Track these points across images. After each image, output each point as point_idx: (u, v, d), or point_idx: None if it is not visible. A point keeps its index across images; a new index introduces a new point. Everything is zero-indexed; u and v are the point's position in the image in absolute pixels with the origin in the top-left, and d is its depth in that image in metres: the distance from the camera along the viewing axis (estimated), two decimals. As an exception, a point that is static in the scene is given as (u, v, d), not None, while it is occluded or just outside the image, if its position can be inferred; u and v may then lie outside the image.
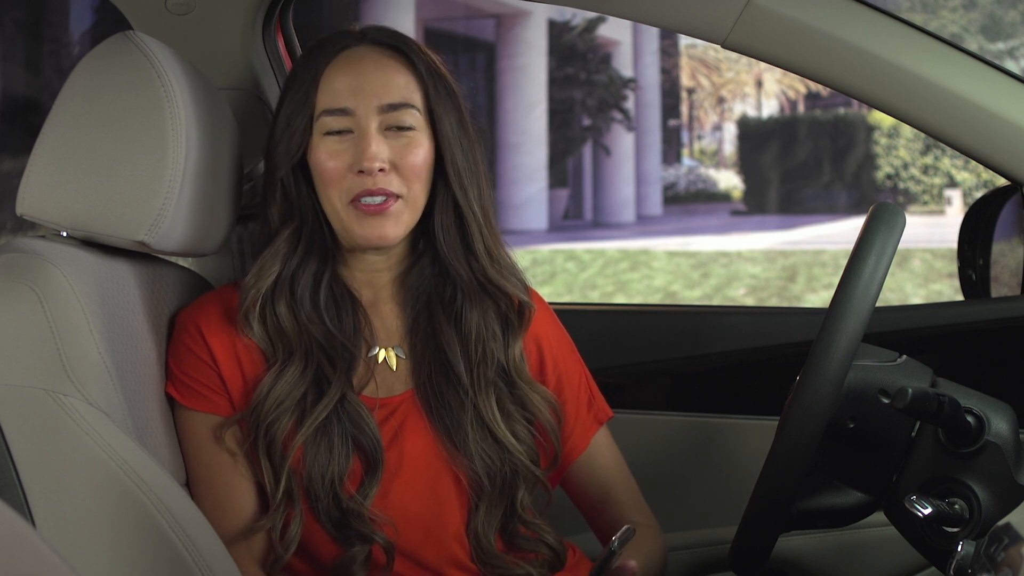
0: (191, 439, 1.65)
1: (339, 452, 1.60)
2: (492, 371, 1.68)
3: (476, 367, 1.67)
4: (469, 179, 1.67)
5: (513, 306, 1.70)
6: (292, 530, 1.60)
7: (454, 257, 1.68)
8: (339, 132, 1.63)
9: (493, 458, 1.65)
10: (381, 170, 1.61)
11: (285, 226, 1.66)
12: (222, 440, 1.63)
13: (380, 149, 1.61)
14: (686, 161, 21.34)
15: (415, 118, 1.64)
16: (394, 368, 1.69)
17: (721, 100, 21.52)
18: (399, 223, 1.64)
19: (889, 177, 17.54)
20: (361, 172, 1.61)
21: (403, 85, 1.65)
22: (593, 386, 1.80)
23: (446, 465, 1.65)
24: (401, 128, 1.63)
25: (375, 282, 1.71)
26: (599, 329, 2.07)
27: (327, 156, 1.63)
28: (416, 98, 1.65)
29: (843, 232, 14.96)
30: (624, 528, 1.42)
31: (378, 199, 1.62)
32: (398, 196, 1.63)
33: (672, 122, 20.75)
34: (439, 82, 1.66)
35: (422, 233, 1.70)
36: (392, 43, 1.67)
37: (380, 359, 1.69)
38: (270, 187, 1.67)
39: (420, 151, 1.64)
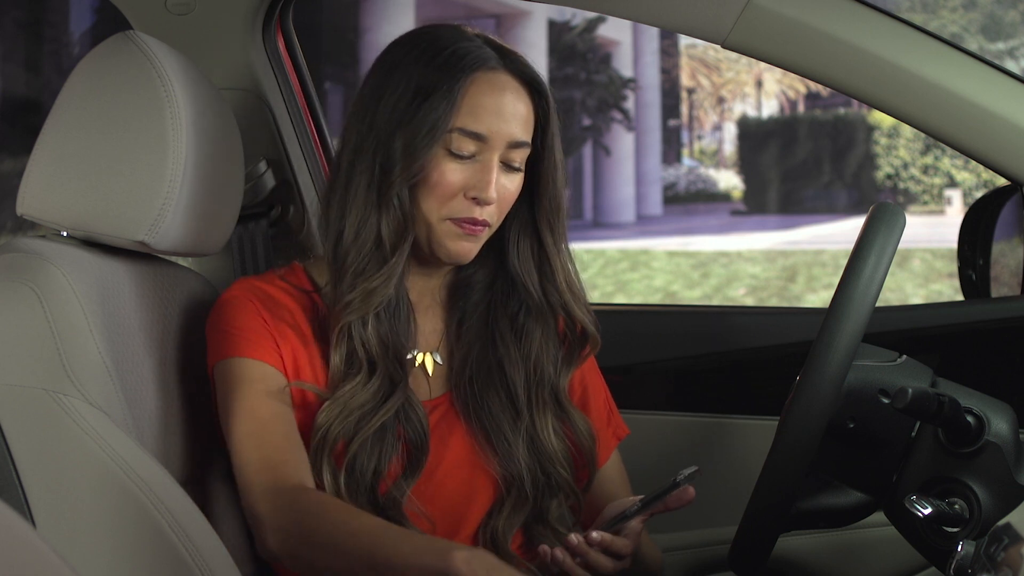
0: (247, 390, 1.60)
1: (388, 447, 1.60)
2: (547, 391, 1.68)
3: (535, 387, 1.68)
4: (558, 221, 1.67)
5: (576, 334, 1.71)
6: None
7: (527, 276, 1.68)
8: (465, 156, 1.59)
9: (536, 468, 1.66)
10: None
11: (402, 241, 1.60)
12: (280, 395, 1.61)
13: (499, 185, 1.61)
14: (686, 161, 21.32)
15: (525, 156, 1.64)
16: (430, 373, 1.69)
17: (721, 100, 21.51)
18: (480, 244, 1.64)
19: (889, 177, 17.53)
20: (475, 200, 1.59)
21: (528, 123, 1.63)
22: (612, 402, 1.81)
23: (483, 468, 1.66)
24: (512, 167, 1.63)
25: (424, 285, 1.70)
26: (599, 329, 2.07)
27: (445, 172, 1.59)
28: (531, 137, 1.64)
29: (843, 232, 14.96)
30: (693, 468, 1.48)
31: (478, 225, 1.61)
32: (489, 225, 1.63)
33: (672, 122, 20.74)
34: (553, 125, 1.66)
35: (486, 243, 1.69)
36: (529, 77, 1.64)
37: (418, 363, 1.69)
38: (385, 198, 1.59)
39: (518, 188, 1.64)
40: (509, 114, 1.60)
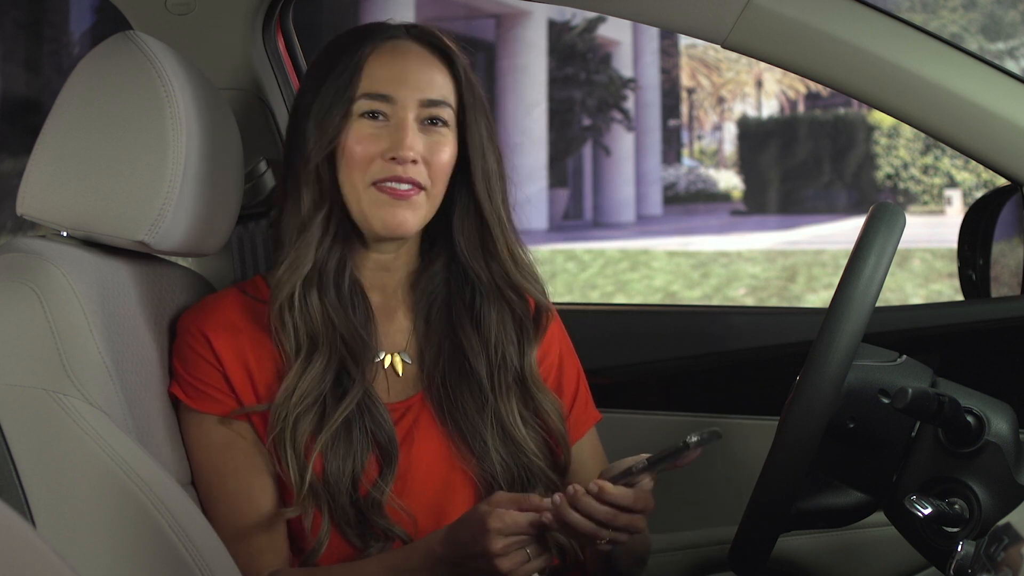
0: (201, 442, 1.64)
1: (358, 449, 1.61)
2: (511, 376, 1.69)
3: (496, 371, 1.69)
4: (495, 184, 1.69)
5: (529, 310, 1.71)
6: (324, 525, 1.60)
7: (474, 260, 1.70)
8: (375, 116, 1.63)
9: (510, 462, 1.67)
10: (413, 161, 1.62)
11: (318, 211, 1.65)
12: (234, 440, 1.63)
13: (416, 141, 1.63)
14: (686, 161, 21.33)
15: (449, 116, 1.66)
16: (400, 374, 1.69)
17: (721, 100, 21.51)
18: (417, 214, 1.65)
19: (889, 177, 17.53)
20: (394, 159, 1.62)
21: (442, 84, 1.67)
22: (585, 387, 1.81)
23: (459, 467, 1.66)
24: (435, 124, 1.65)
25: (385, 285, 1.71)
26: (599, 329, 2.07)
27: (359, 139, 1.63)
28: (452, 99, 1.67)
29: (843, 232, 14.96)
30: (710, 431, 1.43)
31: (405, 186, 1.63)
32: (423, 188, 1.64)
33: (672, 122, 20.74)
34: (472, 88, 1.69)
35: (437, 235, 1.71)
36: (436, 43, 1.69)
37: (387, 364, 1.69)
38: (304, 174, 1.65)
39: (448, 151, 1.66)
40: (414, 74, 1.65)
